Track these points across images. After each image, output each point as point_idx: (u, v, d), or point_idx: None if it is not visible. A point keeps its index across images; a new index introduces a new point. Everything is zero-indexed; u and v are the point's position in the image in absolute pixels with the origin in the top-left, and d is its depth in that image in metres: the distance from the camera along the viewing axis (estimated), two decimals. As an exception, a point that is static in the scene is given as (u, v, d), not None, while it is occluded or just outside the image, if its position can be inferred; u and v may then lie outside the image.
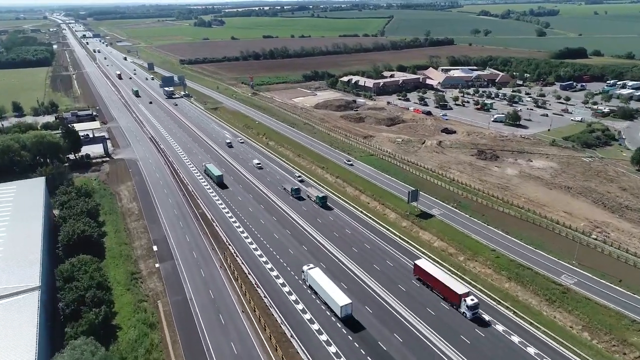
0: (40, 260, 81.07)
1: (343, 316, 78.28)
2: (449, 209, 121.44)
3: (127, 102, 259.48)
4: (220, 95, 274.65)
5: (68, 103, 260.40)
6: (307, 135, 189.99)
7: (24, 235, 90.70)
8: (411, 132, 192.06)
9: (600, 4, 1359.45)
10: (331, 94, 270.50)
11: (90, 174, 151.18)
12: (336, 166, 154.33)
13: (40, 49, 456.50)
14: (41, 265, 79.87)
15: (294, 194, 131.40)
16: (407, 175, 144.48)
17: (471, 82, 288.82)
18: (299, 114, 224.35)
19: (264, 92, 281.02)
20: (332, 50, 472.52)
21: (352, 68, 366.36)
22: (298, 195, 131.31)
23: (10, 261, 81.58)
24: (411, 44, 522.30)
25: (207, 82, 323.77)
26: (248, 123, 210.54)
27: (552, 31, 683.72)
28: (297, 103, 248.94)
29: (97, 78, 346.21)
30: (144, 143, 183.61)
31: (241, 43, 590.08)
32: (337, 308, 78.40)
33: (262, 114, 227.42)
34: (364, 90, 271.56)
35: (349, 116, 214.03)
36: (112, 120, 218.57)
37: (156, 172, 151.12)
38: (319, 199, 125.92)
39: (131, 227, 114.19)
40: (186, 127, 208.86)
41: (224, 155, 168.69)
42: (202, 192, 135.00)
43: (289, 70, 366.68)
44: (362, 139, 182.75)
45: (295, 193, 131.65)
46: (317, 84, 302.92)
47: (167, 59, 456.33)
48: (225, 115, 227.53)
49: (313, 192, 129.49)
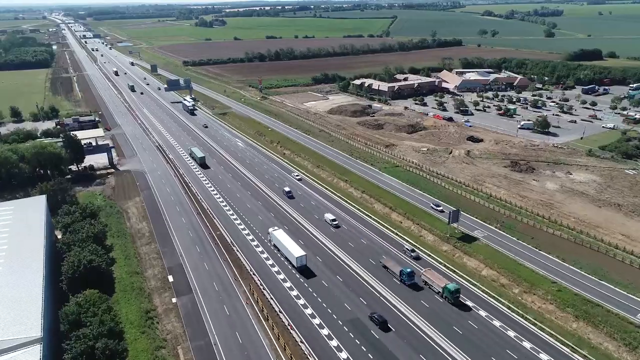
0: (41, 304, 69.47)
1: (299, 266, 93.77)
2: (492, 231, 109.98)
3: (130, 107, 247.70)
4: (228, 100, 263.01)
5: (69, 107, 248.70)
6: (324, 143, 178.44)
7: (23, 270, 79.11)
8: (435, 140, 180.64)
9: (603, 4, 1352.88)
10: (344, 98, 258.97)
11: (95, 188, 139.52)
12: (360, 179, 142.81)
13: (39, 50, 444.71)
14: (42, 310, 68.25)
15: (405, 280, 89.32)
16: (439, 190, 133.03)
17: (488, 86, 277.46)
18: (312, 120, 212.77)
19: (273, 96, 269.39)
20: (339, 52, 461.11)
21: (362, 70, 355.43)
22: (412, 282, 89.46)
23: (7, 304, 69.98)
24: (419, 45, 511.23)
25: (212, 84, 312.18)
26: (260, 130, 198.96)
27: (560, 32, 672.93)
28: (310, 108, 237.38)
29: (98, 80, 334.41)
30: (151, 152, 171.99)
31: (244, 44, 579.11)
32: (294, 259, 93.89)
33: (273, 119, 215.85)
34: (377, 94, 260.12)
35: (367, 122, 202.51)
36: (116, 127, 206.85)
37: (166, 186, 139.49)
38: (448, 291, 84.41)
39: (142, 251, 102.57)
40: (194, 134, 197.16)
41: (239, 167, 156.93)
42: (218, 210, 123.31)
43: (296, 73, 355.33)
44: (384, 147, 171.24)
45: (408, 279, 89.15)
46: (327, 87, 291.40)
47: (170, 60, 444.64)
48: (235, 121, 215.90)
49: (437, 281, 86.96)
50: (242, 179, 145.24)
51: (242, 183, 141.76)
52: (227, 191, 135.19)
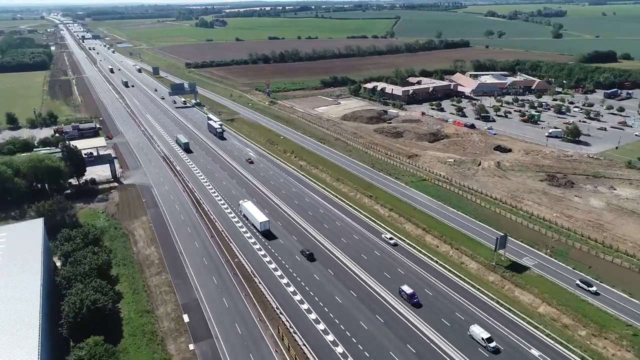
0: None
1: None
2: (542, 258, 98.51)
3: (133, 112, 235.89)
4: (234, 104, 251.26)
5: (68, 113, 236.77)
6: (341, 153, 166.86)
7: (16, 315, 67.53)
8: (459, 150, 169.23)
9: (605, 4, 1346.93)
10: (356, 103, 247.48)
11: (97, 205, 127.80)
12: (386, 195, 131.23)
13: (37, 52, 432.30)
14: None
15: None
16: (474, 208, 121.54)
17: (505, 90, 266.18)
18: (326, 127, 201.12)
19: (281, 100, 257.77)
20: (345, 53, 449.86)
21: (371, 73, 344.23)
22: None
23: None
24: (426, 46, 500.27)
25: (217, 88, 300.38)
26: (271, 138, 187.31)
27: (566, 33, 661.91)
28: (322, 113, 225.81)
29: (98, 83, 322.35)
30: (156, 163, 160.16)
31: (247, 45, 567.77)
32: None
33: (284, 126, 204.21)
34: (391, 99, 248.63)
35: (384, 130, 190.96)
36: (118, 135, 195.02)
37: (175, 203, 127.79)
38: None
39: (152, 283, 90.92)
40: (202, 143, 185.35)
41: (253, 181, 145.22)
42: (234, 232, 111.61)
43: (303, 75, 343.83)
44: (407, 158, 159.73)
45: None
46: (337, 91, 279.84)
47: (172, 62, 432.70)
48: (244, 128, 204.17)
49: None
50: (257, 194, 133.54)
51: (258, 199, 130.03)
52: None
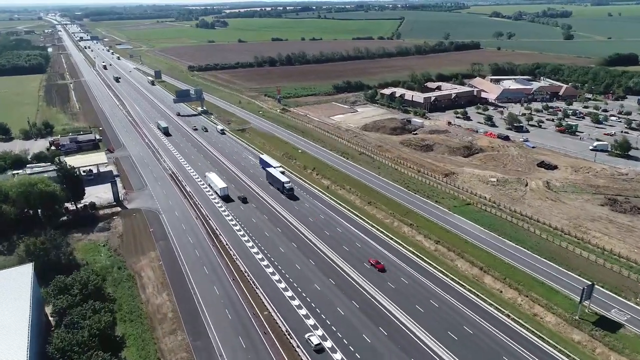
0: None
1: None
2: (634, 310, 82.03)
3: (135, 121, 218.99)
4: (244, 112, 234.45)
5: (65, 121, 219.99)
6: (368, 170, 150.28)
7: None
8: (499, 166, 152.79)
9: (607, 5, 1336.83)
10: (374, 111, 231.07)
11: (97, 236, 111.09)
12: (427, 223, 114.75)
13: (33, 54, 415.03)
14: None
15: None
16: (535, 241, 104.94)
17: (531, 96, 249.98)
18: (347, 138, 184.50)
19: (293, 108, 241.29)
20: (353, 55, 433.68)
21: (383, 76, 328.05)
22: None
23: None
24: (436, 48, 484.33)
25: (223, 93, 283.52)
26: (288, 151, 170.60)
27: (576, 34, 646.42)
28: (339, 123, 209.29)
29: (97, 88, 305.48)
30: (164, 183, 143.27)
31: (250, 46, 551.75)
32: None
33: (301, 138, 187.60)
34: (411, 106, 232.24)
35: (412, 143, 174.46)
36: (120, 148, 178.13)
37: (187, 234, 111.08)
38: None
39: (166, 347, 74.28)
40: (213, 157, 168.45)
41: (273, 205, 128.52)
42: (261, 274, 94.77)
43: (313, 79, 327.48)
44: (443, 177, 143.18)
45: None
46: (352, 97, 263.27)
47: (174, 64, 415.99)
48: (257, 140, 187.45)
49: None
50: (280, 221, 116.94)
51: (283, 228, 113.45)
52: (265, 242, 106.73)
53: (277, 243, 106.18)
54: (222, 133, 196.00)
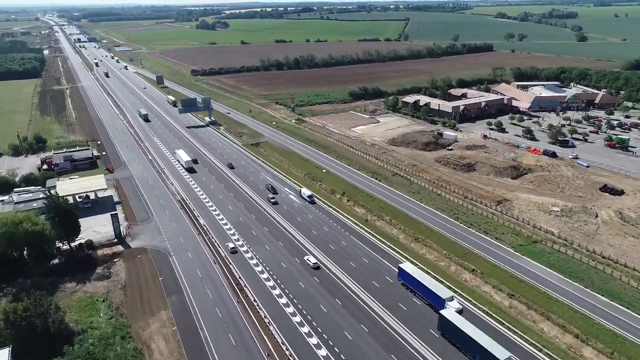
0: None
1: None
2: None
3: (137, 133, 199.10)
4: (255, 123, 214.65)
5: (60, 133, 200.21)
6: (407, 196, 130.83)
7: None
8: (555, 190, 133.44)
9: (610, 5, 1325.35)
10: (398, 121, 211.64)
11: (95, 286, 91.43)
12: (492, 268, 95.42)
13: (28, 57, 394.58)
14: None
15: None
16: (632, 295, 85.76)
17: (565, 104, 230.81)
18: (374, 154, 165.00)
19: (309, 117, 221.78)
20: (363, 58, 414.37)
21: (400, 82, 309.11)
22: None
23: None
24: (448, 50, 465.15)
25: (231, 101, 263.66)
26: (311, 171, 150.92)
27: (589, 35, 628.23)
28: (362, 135, 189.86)
29: (95, 95, 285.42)
30: (172, 212, 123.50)
31: (254, 49, 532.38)
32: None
33: (323, 154, 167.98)
34: (438, 116, 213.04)
35: (450, 161, 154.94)
36: (121, 167, 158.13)
37: (205, 284, 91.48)
38: None
39: None
40: (227, 179, 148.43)
41: (303, 242, 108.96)
42: (299, 343, 75.28)
43: (324, 85, 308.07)
44: (495, 204, 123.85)
45: None
46: (370, 105, 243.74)
47: (176, 68, 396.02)
48: (273, 156, 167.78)
49: None
50: (314, 258, 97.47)
51: (321, 277, 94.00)
52: (306, 301, 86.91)
53: (320, 304, 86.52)
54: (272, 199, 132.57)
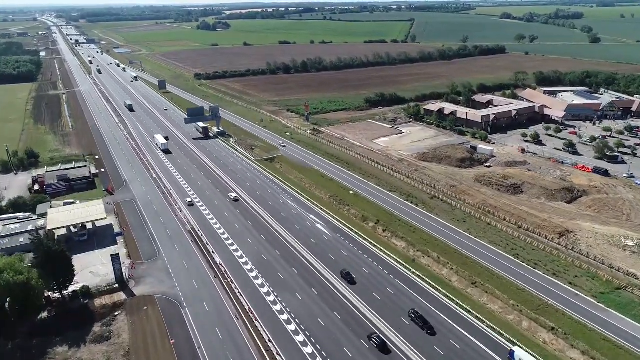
0: None
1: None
2: None
3: (139, 146, 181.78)
4: (267, 133, 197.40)
5: (54, 146, 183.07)
6: (451, 224, 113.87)
7: None
8: (620, 218, 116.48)
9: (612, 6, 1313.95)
10: (424, 132, 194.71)
11: (92, 351, 74.38)
12: (574, 323, 78.50)
13: (23, 60, 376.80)
14: None
15: None
16: None
17: (600, 112, 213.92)
18: (404, 172, 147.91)
19: (325, 127, 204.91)
20: (373, 61, 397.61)
21: (415, 86, 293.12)
22: None
23: None
24: (460, 52, 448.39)
25: (239, 108, 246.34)
26: (337, 193, 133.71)
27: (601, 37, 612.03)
28: (387, 149, 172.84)
29: (94, 101, 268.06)
30: (183, 247, 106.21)
31: (257, 50, 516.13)
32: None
33: (347, 171, 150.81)
34: (465, 126, 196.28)
35: (491, 181, 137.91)
36: (122, 187, 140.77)
37: (227, 349, 74.18)
38: None
39: None
40: (244, 205, 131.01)
41: (350, 298, 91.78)
42: None
43: (336, 89, 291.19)
44: (556, 236, 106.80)
45: None
46: (389, 113, 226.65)
47: (178, 71, 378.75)
48: (291, 174, 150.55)
49: None
50: (359, 322, 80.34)
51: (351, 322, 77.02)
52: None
53: None
54: None
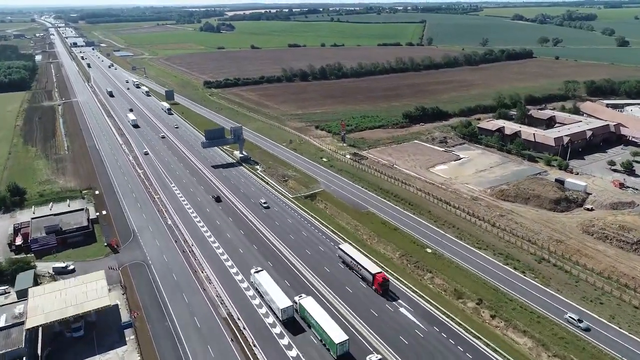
0: None
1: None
2: None
3: (147, 176, 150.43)
4: (299, 158, 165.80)
5: (45, 176, 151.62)
6: (584, 307, 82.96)
7: None
8: None
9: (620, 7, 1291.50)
10: (485, 157, 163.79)
11: None
12: None
13: (16, 67, 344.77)
14: None
15: None
16: None
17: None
18: (487, 217, 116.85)
19: (365, 149, 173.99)
20: (395, 67, 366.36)
21: (452, 96, 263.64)
22: None
23: None
24: (487, 57, 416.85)
25: (259, 124, 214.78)
26: (407, 249, 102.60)
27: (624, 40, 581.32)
28: (451, 181, 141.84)
29: (93, 115, 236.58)
30: (220, 346, 74.92)
31: (266, 54, 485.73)
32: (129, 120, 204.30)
33: (411, 214, 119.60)
34: (533, 149, 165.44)
35: (605, 232, 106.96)
36: (130, 240, 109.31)
37: None
38: None
39: None
40: (293, 273, 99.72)
41: None
42: None
43: (364, 101, 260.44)
44: None
45: None
46: (436, 132, 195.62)
47: (185, 78, 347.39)
48: (342, 219, 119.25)
49: None
50: None
51: None
52: None
53: None
54: None
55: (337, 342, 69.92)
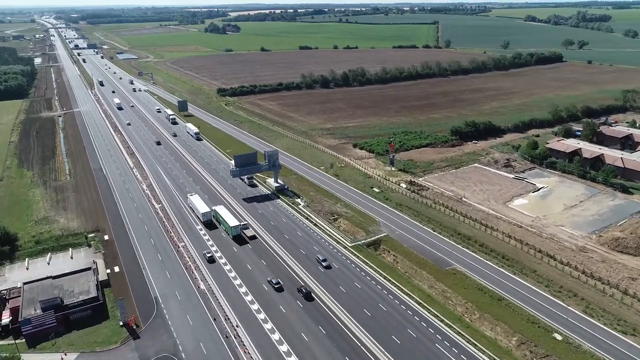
0: None
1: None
2: None
3: (167, 214, 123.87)
4: (345, 188, 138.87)
5: (42, 212, 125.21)
6: None
7: None
8: None
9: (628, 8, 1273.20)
10: (568, 187, 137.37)
11: None
12: None
13: (13, 72, 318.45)
14: None
15: None
16: None
17: None
18: (610, 279, 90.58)
19: (418, 174, 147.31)
20: (422, 72, 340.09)
21: (494, 107, 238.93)
22: None
23: None
24: (515, 62, 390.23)
25: (288, 142, 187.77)
26: (526, 333, 76.40)
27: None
28: (540, 222, 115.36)
29: (99, 128, 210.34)
30: None
31: (278, 57, 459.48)
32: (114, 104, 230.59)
33: (510, 274, 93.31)
34: (621, 176, 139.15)
35: None
36: (152, 315, 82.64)
37: None
38: None
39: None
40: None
41: None
42: None
43: (399, 112, 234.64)
44: None
45: None
46: (496, 153, 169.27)
47: (195, 84, 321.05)
48: (423, 282, 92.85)
49: None
50: None
51: None
52: None
53: None
54: None
55: (232, 225, 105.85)
